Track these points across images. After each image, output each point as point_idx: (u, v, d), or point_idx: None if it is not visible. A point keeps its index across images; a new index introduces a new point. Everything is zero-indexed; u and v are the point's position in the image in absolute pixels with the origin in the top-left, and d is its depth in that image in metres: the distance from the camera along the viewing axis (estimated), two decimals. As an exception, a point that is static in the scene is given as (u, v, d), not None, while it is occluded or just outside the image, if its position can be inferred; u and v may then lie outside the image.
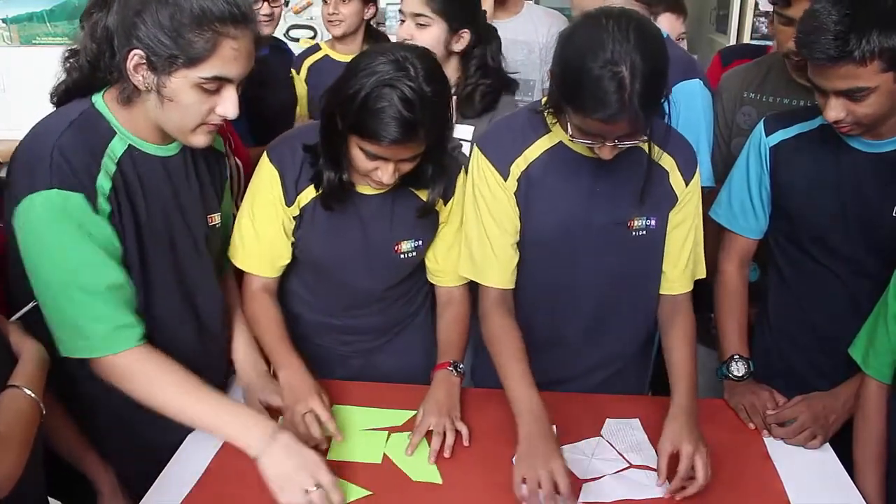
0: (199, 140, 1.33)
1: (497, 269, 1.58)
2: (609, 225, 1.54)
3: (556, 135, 1.52)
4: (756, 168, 1.64)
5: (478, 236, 1.58)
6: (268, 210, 1.59)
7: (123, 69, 1.24)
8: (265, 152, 1.61)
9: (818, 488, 1.39)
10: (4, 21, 5.10)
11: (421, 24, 1.91)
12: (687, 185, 1.55)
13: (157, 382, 1.29)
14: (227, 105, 1.28)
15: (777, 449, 1.49)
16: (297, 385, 1.49)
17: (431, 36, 1.90)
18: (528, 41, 2.46)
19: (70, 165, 1.22)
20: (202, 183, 1.47)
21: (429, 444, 1.46)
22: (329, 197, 1.56)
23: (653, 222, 1.55)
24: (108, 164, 1.28)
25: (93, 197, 1.24)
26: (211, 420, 1.30)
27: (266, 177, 1.58)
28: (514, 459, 1.34)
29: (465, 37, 1.93)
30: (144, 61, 1.22)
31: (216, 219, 1.52)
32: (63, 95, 1.33)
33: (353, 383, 1.68)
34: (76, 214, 1.22)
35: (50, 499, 1.46)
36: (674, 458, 1.36)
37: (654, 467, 1.41)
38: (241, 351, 1.60)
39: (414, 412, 1.53)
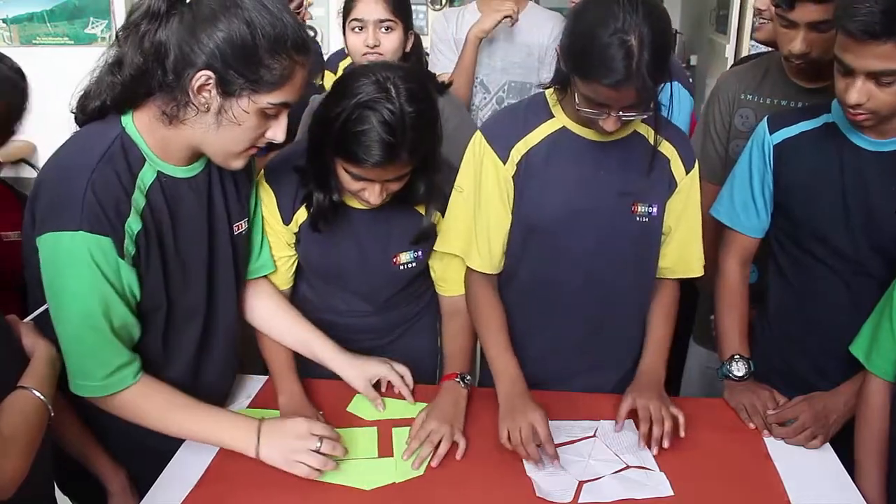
0: (240, 163, 1.33)
1: (486, 253, 1.60)
2: (613, 210, 1.54)
3: (559, 120, 1.53)
4: (759, 166, 1.64)
5: (467, 218, 1.59)
6: (268, 232, 1.62)
7: (188, 89, 1.20)
8: (262, 171, 1.62)
9: (818, 488, 1.39)
10: (4, 21, 5.10)
11: (389, 28, 2.01)
12: (687, 173, 1.57)
13: (156, 413, 1.35)
14: (279, 130, 1.29)
15: (777, 449, 1.49)
16: (296, 410, 1.52)
17: (398, 39, 2.02)
18: (528, 43, 2.46)
19: (101, 208, 1.20)
20: (227, 194, 1.44)
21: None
22: (318, 218, 1.56)
23: (654, 209, 1.56)
24: (139, 200, 1.26)
25: (121, 240, 1.23)
26: (208, 436, 1.39)
27: (262, 198, 1.60)
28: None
29: (412, 38, 2.09)
30: (212, 82, 1.19)
31: (243, 226, 1.50)
32: (97, 112, 1.28)
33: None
34: (100, 259, 1.22)
35: (60, 496, 1.48)
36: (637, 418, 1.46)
37: (654, 468, 1.41)
38: (327, 352, 1.63)
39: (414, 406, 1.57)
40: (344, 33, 2.08)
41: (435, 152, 1.53)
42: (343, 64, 2.65)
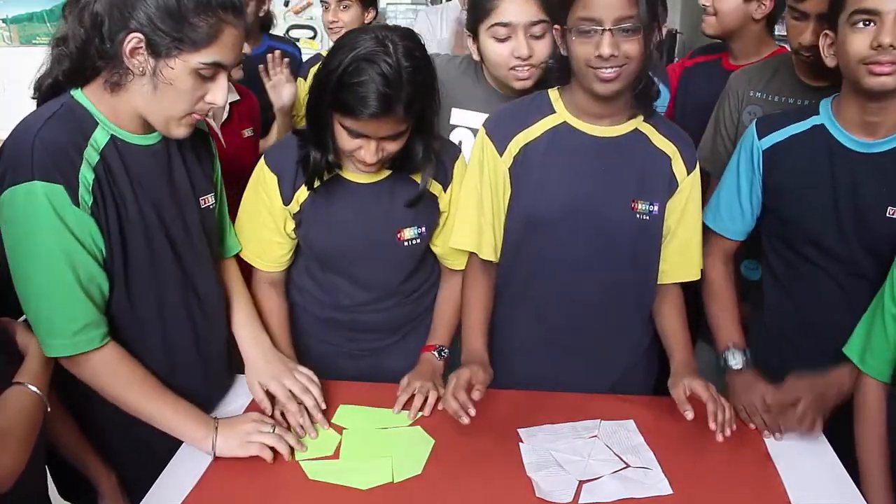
0: (181, 131, 1.33)
1: (491, 242, 1.62)
2: (612, 207, 1.55)
3: (561, 115, 1.54)
4: (747, 171, 1.65)
5: (474, 211, 1.61)
6: (263, 215, 1.63)
7: (120, 52, 1.23)
8: (262, 158, 1.63)
9: (818, 488, 1.39)
10: (4, 21, 5.11)
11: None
12: (689, 173, 1.58)
13: (121, 385, 1.35)
14: (218, 92, 1.30)
15: (777, 449, 1.49)
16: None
17: (549, 45, 1.82)
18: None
19: (51, 157, 1.22)
20: (189, 167, 1.45)
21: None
22: (313, 176, 1.57)
23: (655, 208, 1.56)
24: (91, 155, 1.27)
25: (75, 189, 1.23)
26: (167, 423, 1.39)
27: (263, 182, 1.61)
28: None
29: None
30: (143, 44, 1.22)
31: (209, 200, 1.51)
32: (49, 90, 1.31)
33: (363, 384, 1.68)
34: (56, 206, 1.22)
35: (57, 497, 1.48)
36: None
37: (653, 468, 1.41)
38: (243, 328, 1.61)
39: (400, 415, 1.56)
40: (476, 41, 1.76)
41: (432, 116, 1.55)
42: (313, 70, 2.61)
